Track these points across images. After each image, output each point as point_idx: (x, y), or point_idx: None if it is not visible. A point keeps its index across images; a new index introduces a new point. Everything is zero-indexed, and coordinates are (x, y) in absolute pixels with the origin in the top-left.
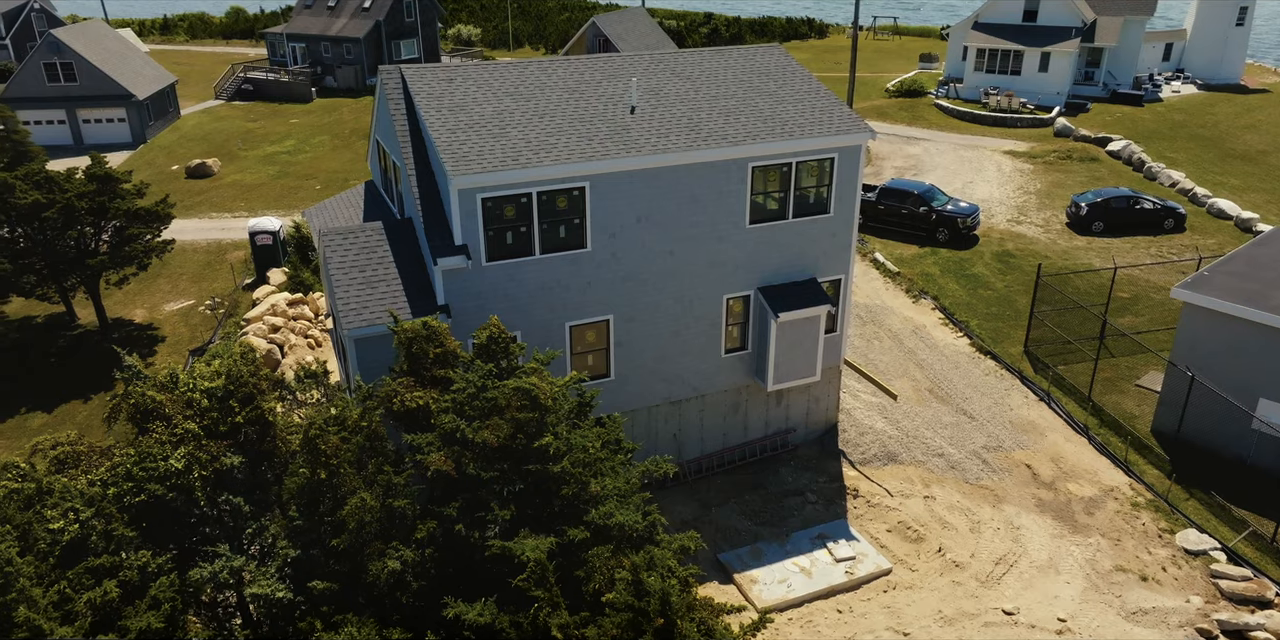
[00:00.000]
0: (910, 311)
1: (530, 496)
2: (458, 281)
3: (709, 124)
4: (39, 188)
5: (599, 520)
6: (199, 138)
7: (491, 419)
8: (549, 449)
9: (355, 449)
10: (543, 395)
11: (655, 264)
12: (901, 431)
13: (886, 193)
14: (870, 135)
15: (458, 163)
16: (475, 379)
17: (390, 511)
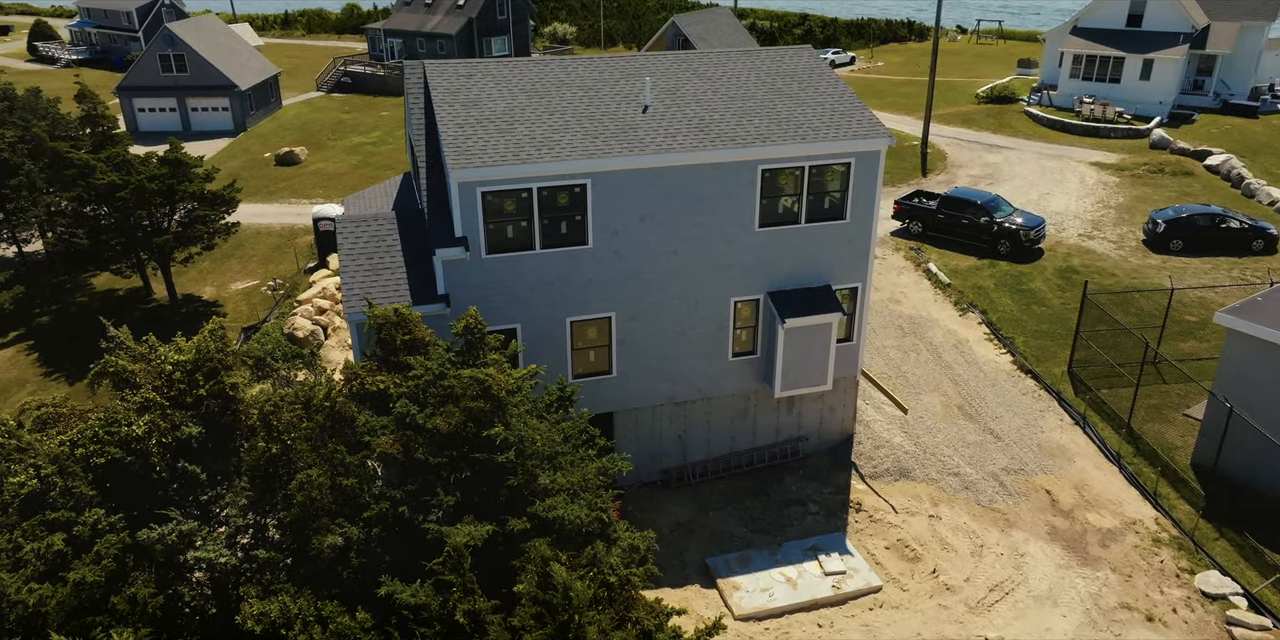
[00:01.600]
0: (955, 325)
1: (477, 484)
2: (458, 273)
3: (720, 125)
4: (118, 169)
5: (541, 513)
6: (295, 127)
7: (446, 406)
8: (497, 439)
9: (315, 427)
10: (496, 386)
11: (659, 263)
12: (919, 447)
13: (948, 202)
14: (889, 141)
15: (459, 156)
16: (434, 366)
17: (341, 490)
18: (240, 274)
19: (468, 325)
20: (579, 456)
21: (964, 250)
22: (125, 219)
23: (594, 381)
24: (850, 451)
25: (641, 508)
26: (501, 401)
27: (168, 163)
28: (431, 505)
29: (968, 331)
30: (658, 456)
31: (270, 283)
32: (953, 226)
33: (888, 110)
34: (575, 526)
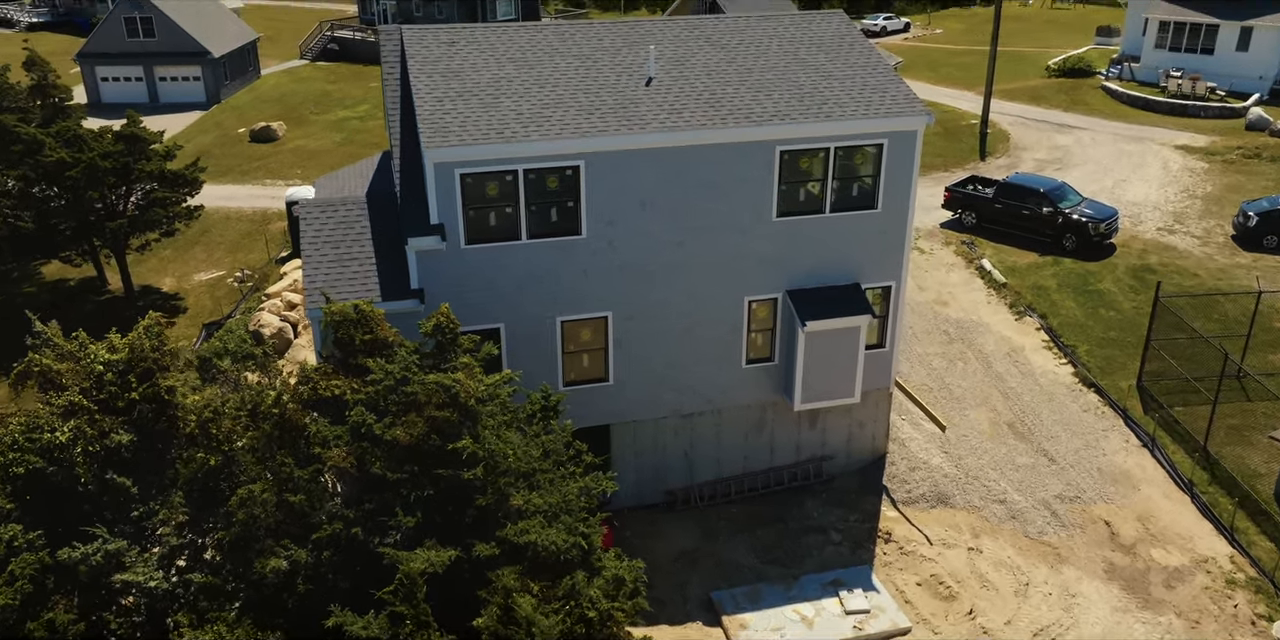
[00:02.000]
0: (1009, 330)
1: (441, 504)
2: (433, 265)
3: (734, 100)
4: (69, 146)
5: (512, 537)
6: (274, 99)
7: (408, 416)
8: (463, 453)
9: (261, 437)
10: (464, 393)
11: (661, 256)
12: (961, 470)
13: (1006, 189)
14: (928, 119)
15: (435, 133)
16: (395, 370)
17: (288, 507)
18: (205, 263)
19: (438, 324)
20: (560, 474)
21: (1024, 245)
22: (76, 201)
23: (588, 390)
24: (881, 474)
25: (640, 533)
26: (471, 411)
27: (123, 138)
28: (389, 526)
29: (1024, 338)
30: (660, 476)
31: (237, 274)
32: (1011, 218)
33: (943, 84)
34: (551, 553)
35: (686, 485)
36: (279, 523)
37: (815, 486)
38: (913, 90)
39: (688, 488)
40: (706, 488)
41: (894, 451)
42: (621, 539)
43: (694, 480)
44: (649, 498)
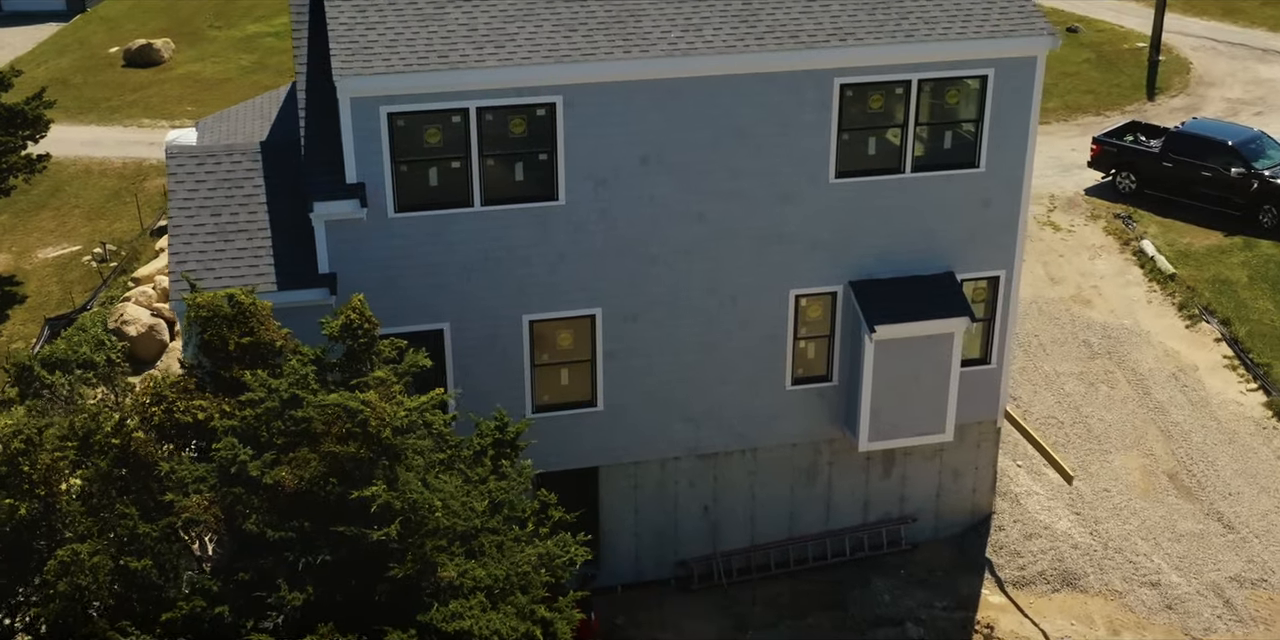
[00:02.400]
0: (1178, 341)
1: (342, 575)
2: (350, 241)
3: (775, 11)
4: None
5: (439, 623)
6: (160, 8)
7: (298, 451)
8: (372, 504)
9: (96, 478)
10: (376, 420)
11: (673, 232)
12: (1098, 539)
13: (1179, 141)
14: (1053, 41)
15: (353, 56)
16: (282, 387)
17: (129, 576)
18: (55, 234)
19: (348, 323)
20: (513, 536)
21: (1203, 220)
22: None
23: (567, 418)
24: (984, 543)
25: (640, 622)
26: (386, 446)
27: None
28: (269, 605)
29: (1197, 353)
30: (670, 540)
31: (97, 249)
32: (1187, 182)
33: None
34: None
35: (707, 555)
36: (118, 597)
37: (890, 559)
38: None
39: (709, 558)
40: (736, 558)
41: (1004, 512)
42: (610, 629)
43: (718, 547)
44: (653, 571)
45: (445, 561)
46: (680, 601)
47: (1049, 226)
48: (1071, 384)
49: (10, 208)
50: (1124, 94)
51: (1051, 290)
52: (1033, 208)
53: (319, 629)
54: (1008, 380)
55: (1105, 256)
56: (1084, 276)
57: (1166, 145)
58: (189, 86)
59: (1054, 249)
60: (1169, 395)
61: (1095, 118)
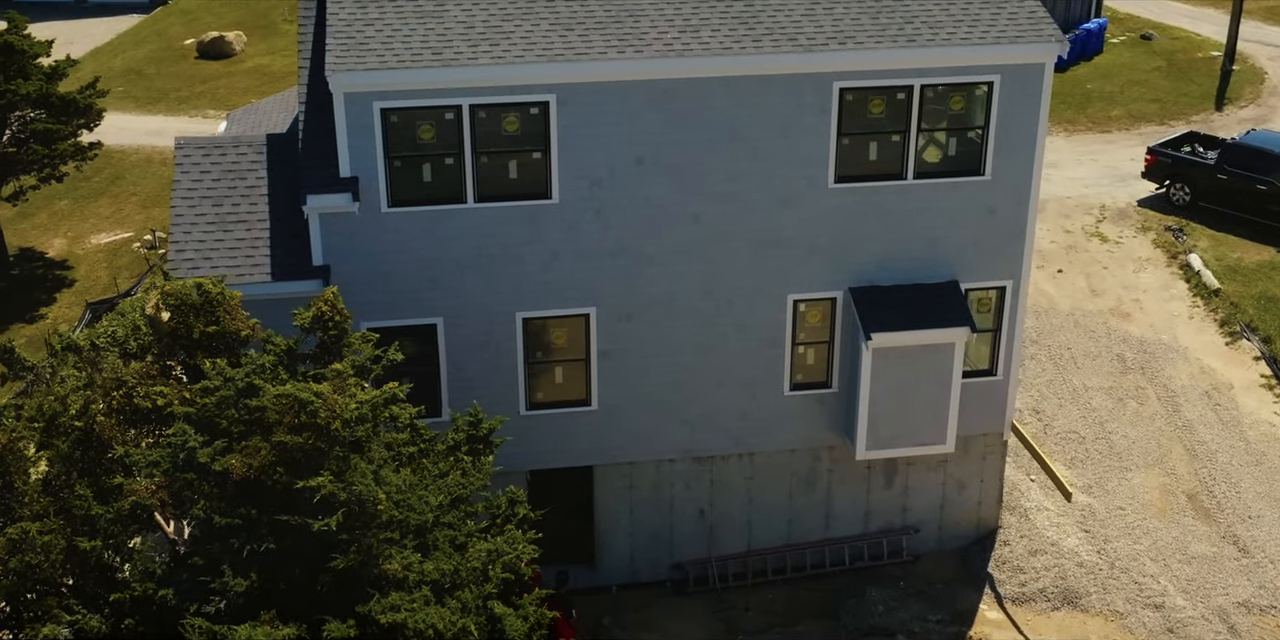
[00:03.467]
0: (1215, 359)
1: (288, 563)
2: (344, 234)
3: (776, 14)
4: None
5: (377, 615)
6: (239, 1)
7: (251, 440)
8: (315, 494)
9: (57, 459)
10: (325, 412)
11: (669, 234)
12: (1104, 558)
13: (1236, 153)
14: (1061, 47)
15: (348, 50)
16: (239, 376)
17: (81, 557)
18: (110, 221)
19: (319, 315)
20: (467, 531)
21: (1256, 235)
22: None
23: (561, 417)
24: (987, 557)
25: (629, 623)
26: (337, 437)
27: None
28: (212, 590)
29: (1234, 371)
30: (665, 543)
31: (147, 236)
32: (1241, 195)
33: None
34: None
35: (703, 558)
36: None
37: (890, 569)
38: (1040, 4)
39: (704, 561)
40: (732, 563)
41: (1011, 526)
42: (595, 629)
43: (713, 552)
44: (649, 572)
45: (393, 554)
46: (672, 604)
47: (1096, 237)
48: (1099, 398)
49: (71, 194)
50: (1192, 103)
51: (1091, 302)
52: (1082, 218)
53: (261, 616)
54: (1015, 392)
55: (1151, 269)
56: (1126, 289)
57: (1222, 157)
58: (256, 79)
59: (1099, 260)
60: (1199, 413)
61: (1159, 127)
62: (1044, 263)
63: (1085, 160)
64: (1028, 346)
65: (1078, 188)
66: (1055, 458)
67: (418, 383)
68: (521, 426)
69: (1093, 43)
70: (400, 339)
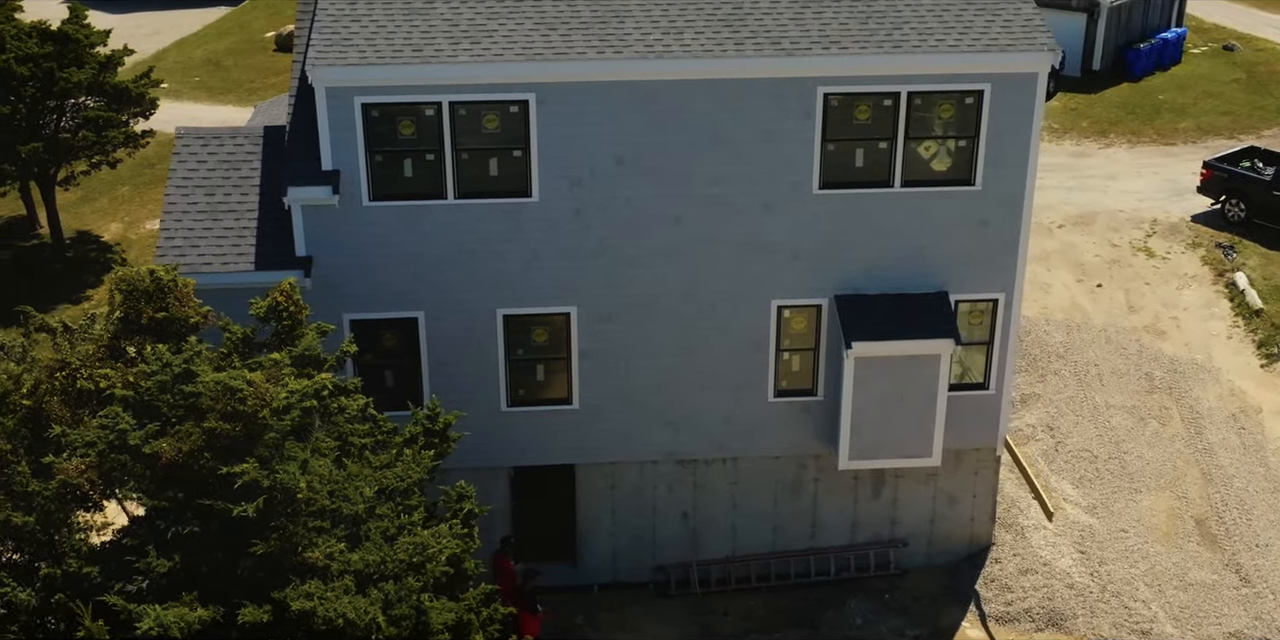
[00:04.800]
0: (1247, 381)
1: (211, 547)
2: (326, 226)
3: (764, 16)
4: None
5: (291, 602)
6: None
7: (185, 424)
8: (237, 480)
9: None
10: (254, 400)
11: (650, 236)
12: (1097, 580)
13: None
14: (1053, 56)
15: (331, 46)
16: (176, 362)
17: (15, 531)
18: None
19: (274, 306)
20: (400, 524)
21: None
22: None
23: (544, 414)
24: (976, 574)
25: (602, 623)
26: (264, 424)
27: (51, 38)
28: (136, 569)
29: (1266, 395)
30: (648, 544)
31: None
32: None
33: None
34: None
35: (686, 562)
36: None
37: (877, 582)
38: (1038, 11)
39: (687, 565)
40: (716, 567)
41: (1005, 544)
42: (568, 628)
43: (697, 555)
44: (631, 573)
45: (318, 543)
46: (651, 606)
47: (1143, 252)
48: (1120, 417)
49: (133, 180)
50: (1265, 117)
51: (1126, 319)
52: (1131, 232)
53: (183, 596)
54: (1008, 407)
55: (1195, 287)
56: (1165, 306)
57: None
58: None
59: (1141, 276)
60: (1221, 436)
61: (1227, 141)
62: (1084, 277)
63: (1145, 173)
64: (1053, 361)
65: (1131, 201)
66: (1063, 476)
67: (400, 376)
68: (503, 423)
69: (1170, 52)
70: (382, 332)
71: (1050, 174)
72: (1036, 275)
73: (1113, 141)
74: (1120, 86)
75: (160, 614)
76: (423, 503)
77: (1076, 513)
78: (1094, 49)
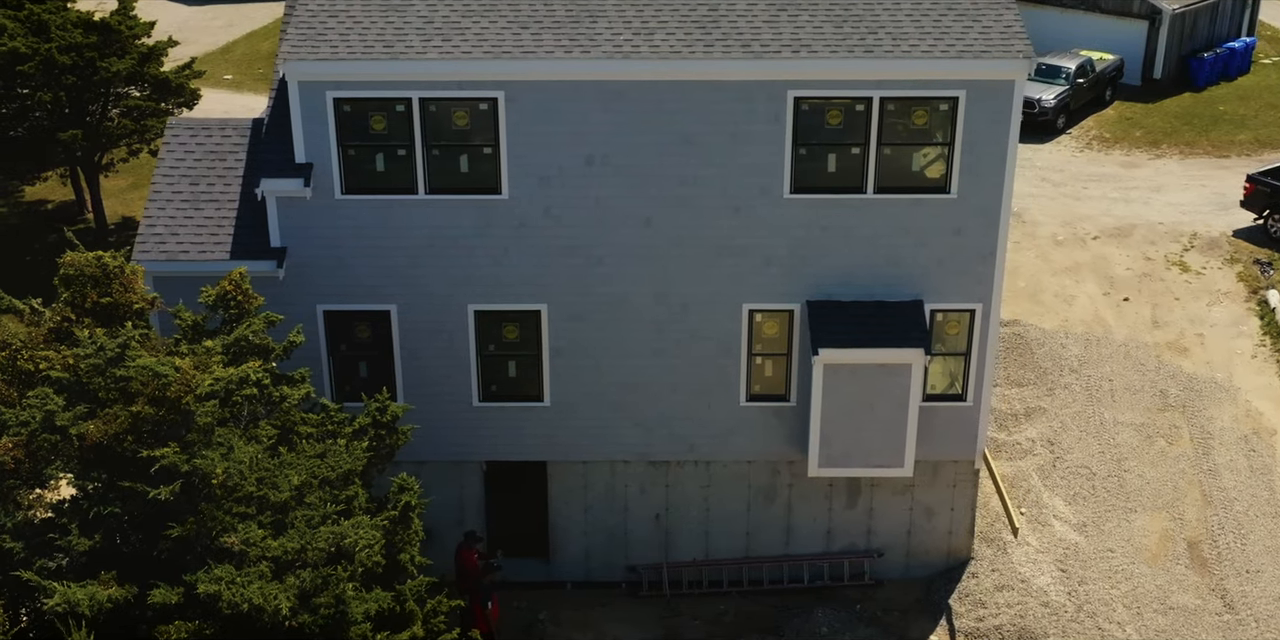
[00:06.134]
0: (1268, 402)
1: (133, 528)
2: (300, 218)
3: (738, 19)
4: (37, 34)
5: (200, 585)
6: None
7: (115, 406)
8: (155, 464)
9: None
10: (177, 385)
11: (619, 236)
12: (1074, 600)
13: None
14: (1029, 64)
15: (305, 40)
16: (111, 346)
17: None
18: None
19: (224, 295)
20: (324, 512)
21: None
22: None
23: (516, 410)
24: (952, 588)
25: (564, 620)
26: (185, 410)
27: (95, 28)
28: (58, 547)
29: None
30: (620, 544)
31: None
32: None
33: None
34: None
35: (658, 563)
36: None
37: (850, 592)
38: (1019, 17)
39: (659, 567)
40: (688, 570)
41: (985, 559)
42: (529, 625)
43: (669, 557)
44: (603, 572)
45: (238, 528)
46: (619, 605)
47: (1177, 267)
48: (1126, 434)
49: None
50: None
51: (1149, 334)
52: (1168, 245)
53: (101, 575)
54: (986, 419)
55: (1225, 304)
56: (1192, 323)
57: None
58: None
59: (1172, 291)
60: (1229, 458)
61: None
62: (1111, 290)
63: (1193, 185)
64: (1064, 375)
65: (1174, 214)
66: (1056, 492)
67: (374, 368)
68: (476, 417)
69: (1237, 62)
70: (356, 324)
71: (1095, 184)
72: (1063, 287)
73: (1164, 152)
74: (1181, 96)
75: (68, 591)
76: (361, 493)
77: (1065, 530)
78: (1155, 57)
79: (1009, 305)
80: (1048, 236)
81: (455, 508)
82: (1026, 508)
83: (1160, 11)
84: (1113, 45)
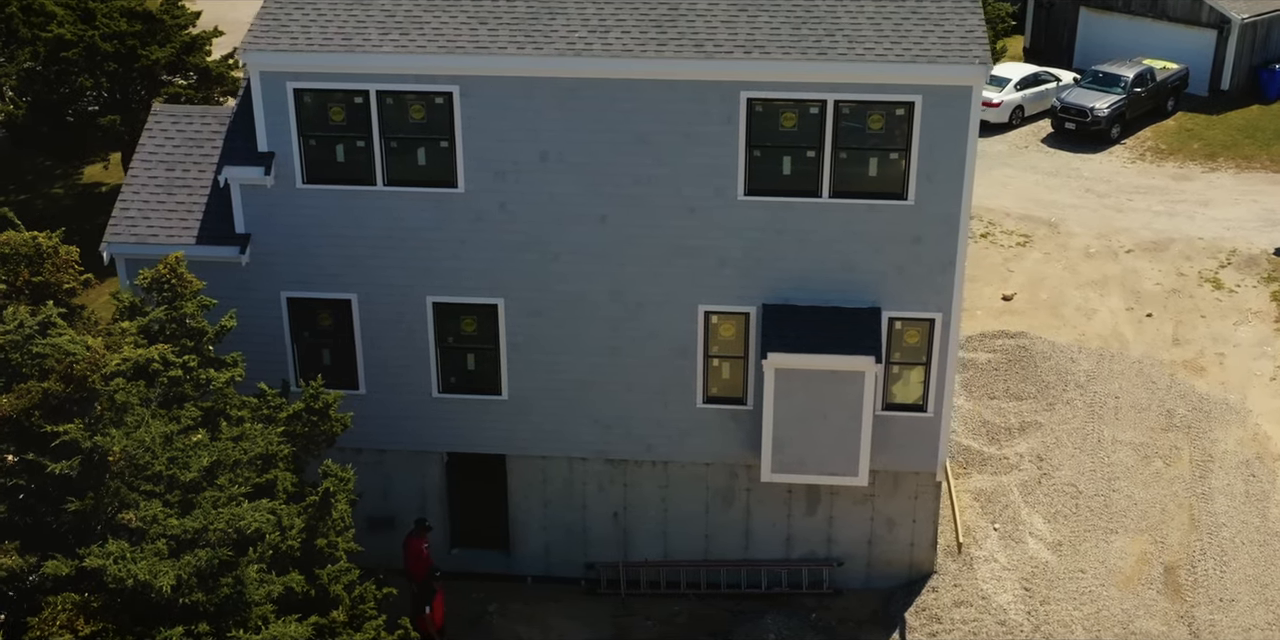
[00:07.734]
0: (1278, 426)
1: (38, 500)
2: (263, 205)
3: (695, 19)
4: (85, 20)
5: (89, 559)
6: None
7: (28, 382)
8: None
9: None
10: (84, 364)
11: (574, 232)
12: (1032, 620)
13: None
14: (985, 70)
15: (267, 31)
16: (30, 323)
17: None
18: None
19: (158, 277)
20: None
21: None
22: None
23: (475, 402)
24: (909, 601)
25: (516, 615)
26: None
27: (139, 17)
28: None
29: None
30: (579, 541)
31: None
32: None
33: None
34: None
35: (616, 562)
36: None
37: (807, 600)
38: (982, 22)
39: (616, 565)
40: (645, 570)
41: (948, 573)
42: (477, 617)
43: (627, 556)
44: (562, 568)
45: (141, 505)
46: (572, 602)
47: (1209, 283)
48: (1123, 453)
49: None
50: None
51: (1167, 352)
52: (1205, 261)
53: (5, 545)
54: (947, 430)
55: (1254, 324)
56: (1214, 342)
57: None
58: None
59: (1199, 308)
60: (1226, 482)
61: None
62: (1135, 305)
63: (1244, 201)
64: (1068, 390)
65: (1217, 229)
66: (1036, 510)
67: (336, 355)
68: (436, 408)
69: None
70: (319, 311)
71: (1141, 196)
72: (1086, 300)
73: (1219, 166)
74: (1249, 109)
75: None
76: (286, 477)
77: (1038, 548)
78: (1223, 67)
79: (1027, 317)
80: (1080, 248)
81: (417, 497)
82: (1001, 524)
83: (1229, 20)
84: (1181, 54)
